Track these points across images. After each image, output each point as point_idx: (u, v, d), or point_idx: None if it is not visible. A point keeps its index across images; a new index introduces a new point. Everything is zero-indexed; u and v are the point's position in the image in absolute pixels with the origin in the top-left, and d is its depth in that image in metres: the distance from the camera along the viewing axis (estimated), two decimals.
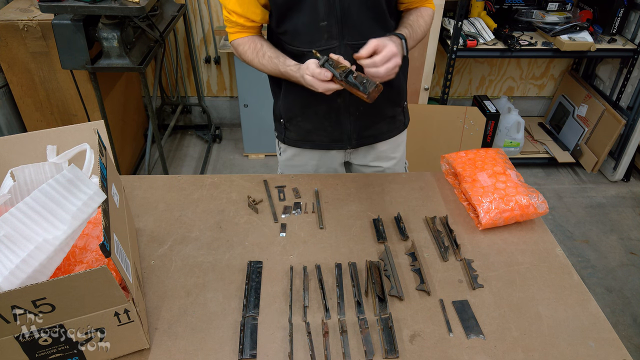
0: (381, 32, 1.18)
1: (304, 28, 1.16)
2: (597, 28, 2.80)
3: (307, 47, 1.17)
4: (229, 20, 1.23)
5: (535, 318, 0.94)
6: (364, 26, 1.17)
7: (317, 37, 1.16)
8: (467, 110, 2.93)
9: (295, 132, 1.37)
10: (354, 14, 1.14)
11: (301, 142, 1.39)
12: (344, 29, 1.16)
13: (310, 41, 1.17)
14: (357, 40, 1.16)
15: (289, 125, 1.37)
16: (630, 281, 2.32)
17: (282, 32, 1.20)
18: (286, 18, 1.16)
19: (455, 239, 1.11)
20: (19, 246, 0.71)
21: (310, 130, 1.34)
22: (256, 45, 1.23)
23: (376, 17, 1.18)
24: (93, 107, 2.45)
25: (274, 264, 1.04)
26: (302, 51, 1.19)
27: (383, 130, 1.38)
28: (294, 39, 1.19)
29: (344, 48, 1.17)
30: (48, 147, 1.00)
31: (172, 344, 0.87)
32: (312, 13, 1.13)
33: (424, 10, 1.27)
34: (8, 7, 2.30)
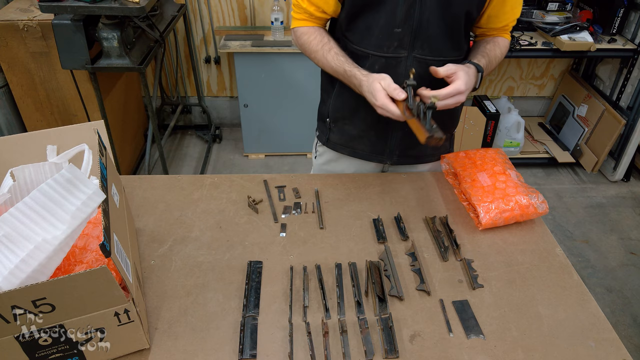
0: (453, 52, 1.16)
1: (376, 30, 1.12)
2: (597, 28, 2.80)
3: (374, 50, 1.14)
4: (299, 6, 1.19)
5: (535, 318, 0.94)
6: (437, 42, 1.13)
7: (387, 43, 1.13)
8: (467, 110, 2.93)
9: (339, 136, 1.35)
10: (430, 27, 1.10)
11: (342, 147, 1.37)
12: (416, 41, 1.12)
13: (378, 45, 1.13)
14: (426, 56, 1.13)
15: (334, 126, 1.34)
16: (630, 281, 2.32)
17: (351, 30, 1.16)
18: (360, 16, 1.13)
19: (455, 239, 1.11)
20: (18, 246, 0.71)
21: (354, 137, 1.31)
22: (323, 37, 1.19)
23: (452, 35, 1.14)
24: (93, 107, 2.46)
25: (274, 264, 1.04)
26: (367, 53, 1.15)
27: (427, 153, 1.35)
28: (362, 40, 1.15)
29: (411, 60, 1.14)
30: (48, 147, 1.00)
31: (172, 344, 0.87)
32: (389, 17, 1.09)
33: (501, 41, 1.23)
34: (8, 7, 2.30)
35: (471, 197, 1.17)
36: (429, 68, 1.09)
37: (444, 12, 1.09)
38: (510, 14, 1.18)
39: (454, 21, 1.12)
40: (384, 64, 1.15)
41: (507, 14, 1.17)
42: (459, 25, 1.13)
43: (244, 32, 2.89)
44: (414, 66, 1.15)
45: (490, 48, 1.20)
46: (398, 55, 1.14)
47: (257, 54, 2.72)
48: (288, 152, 3.19)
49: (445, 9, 1.08)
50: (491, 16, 1.17)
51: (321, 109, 1.38)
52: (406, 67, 1.14)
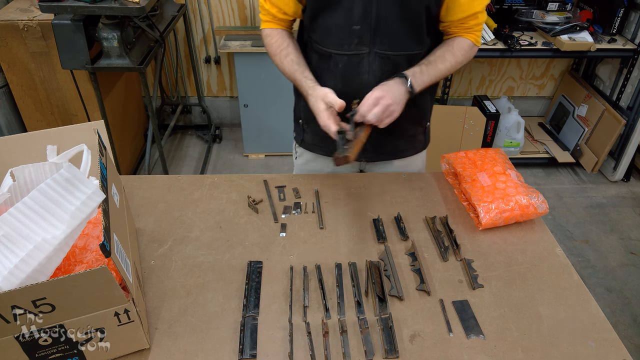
0: (414, 46, 1.16)
1: (335, 29, 1.13)
2: (597, 28, 2.80)
3: (335, 49, 1.15)
4: (263, 8, 1.23)
5: (535, 318, 0.94)
6: (397, 37, 1.13)
7: (347, 41, 1.13)
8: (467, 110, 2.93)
9: (312, 136, 1.36)
10: (388, 23, 1.10)
11: (316, 147, 1.37)
12: (376, 37, 1.12)
13: (339, 43, 1.14)
14: (387, 51, 1.14)
15: (307, 127, 1.35)
16: (630, 281, 2.32)
17: (313, 31, 1.18)
18: (320, 16, 1.14)
19: (455, 239, 1.11)
20: (18, 246, 0.71)
21: (326, 136, 1.29)
22: (283, 42, 1.21)
23: (412, 30, 1.14)
24: (93, 107, 2.45)
25: (274, 264, 1.04)
26: (329, 52, 1.17)
27: (401, 148, 1.36)
28: (324, 39, 1.17)
29: (372, 56, 1.14)
30: (48, 147, 1.00)
31: (172, 344, 0.87)
32: (347, 15, 1.10)
33: (459, 42, 1.19)
34: (8, 7, 2.30)
35: (471, 197, 1.17)
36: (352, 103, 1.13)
37: (402, 8, 1.09)
38: (466, 6, 1.13)
39: (414, 16, 1.12)
40: (346, 61, 1.16)
41: (464, 6, 1.13)
42: (419, 21, 1.13)
43: (244, 32, 2.89)
44: (377, 62, 1.16)
45: (439, 54, 1.18)
46: (360, 52, 1.14)
47: (257, 54, 2.72)
48: (288, 152, 3.19)
49: (403, 5, 1.09)
50: (449, 7, 1.15)
51: (295, 109, 1.40)
52: (369, 63, 1.15)
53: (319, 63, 1.21)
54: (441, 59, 1.17)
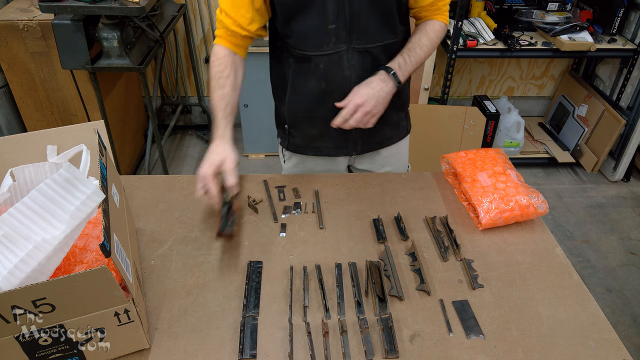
0: (389, 36, 1.17)
1: (311, 31, 1.13)
2: (597, 28, 2.80)
3: (315, 51, 1.15)
4: (219, 20, 1.16)
5: (535, 318, 0.94)
6: (372, 30, 1.14)
7: (325, 41, 1.14)
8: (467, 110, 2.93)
9: (300, 138, 1.35)
10: (362, 18, 1.12)
11: (305, 149, 1.37)
12: (352, 33, 1.13)
13: (318, 45, 1.14)
14: (365, 44, 1.15)
15: (293, 131, 1.34)
16: (630, 281, 2.32)
17: (288, 36, 1.17)
18: (293, 20, 1.13)
19: (455, 239, 1.11)
20: (17, 246, 0.71)
21: (315, 137, 1.32)
22: (225, 69, 1.14)
23: (386, 22, 1.15)
24: (93, 107, 2.46)
25: (274, 264, 1.04)
26: (308, 55, 1.16)
27: (387, 136, 1.37)
28: (300, 43, 1.16)
29: (351, 52, 1.15)
30: (48, 147, 1.00)
31: (172, 344, 0.87)
32: (321, 16, 1.10)
33: (431, 25, 1.22)
34: (8, 7, 2.30)
35: (471, 197, 1.17)
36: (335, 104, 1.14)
37: (374, 2, 1.11)
38: None
39: (386, 8, 1.13)
40: (326, 61, 1.16)
41: None
42: (391, 12, 1.15)
43: None
44: (355, 57, 1.16)
45: (415, 40, 1.20)
46: (338, 50, 1.15)
47: (257, 54, 2.72)
48: None
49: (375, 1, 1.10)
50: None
51: (277, 115, 1.38)
52: (348, 59, 1.16)
53: (298, 66, 1.20)
54: (419, 45, 1.20)
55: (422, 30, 1.22)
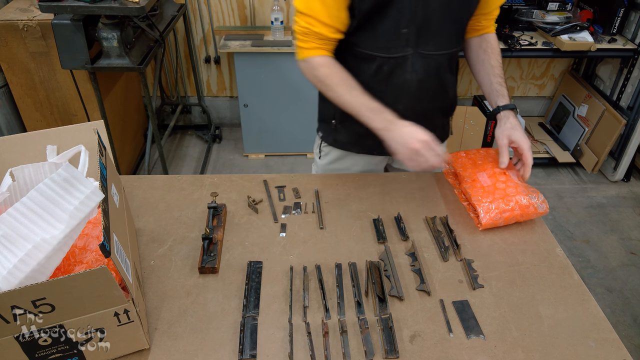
0: (455, 45, 1.20)
1: (384, 34, 1.12)
2: (598, 28, 2.80)
3: (382, 53, 1.14)
4: (309, 33, 1.11)
5: (536, 318, 0.94)
6: (441, 37, 1.15)
7: (394, 44, 1.13)
8: (467, 110, 2.93)
9: (347, 135, 1.34)
10: (433, 24, 1.11)
11: (350, 145, 1.36)
12: (421, 38, 1.13)
13: (386, 47, 1.14)
14: (431, 51, 1.15)
15: (340, 127, 1.33)
16: (630, 281, 2.32)
17: (357, 36, 1.15)
18: (368, 22, 1.11)
19: (455, 239, 1.11)
20: (16, 246, 0.71)
21: (362, 134, 1.27)
22: (342, 72, 1.13)
23: (455, 29, 1.17)
24: (93, 107, 2.45)
25: (274, 264, 1.04)
26: (374, 56, 1.15)
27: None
28: (370, 44, 1.14)
29: (416, 57, 1.15)
30: (48, 147, 1.00)
31: (172, 344, 0.87)
32: (396, 19, 1.09)
33: (492, 41, 1.27)
34: (8, 7, 2.30)
35: (471, 197, 1.17)
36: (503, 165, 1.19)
37: (449, 8, 1.11)
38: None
39: (459, 16, 1.15)
40: (392, 64, 1.16)
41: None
42: (462, 19, 1.17)
43: (244, 32, 2.89)
44: (419, 62, 1.16)
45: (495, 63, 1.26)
46: (405, 54, 1.15)
47: (257, 53, 2.72)
48: (288, 152, 3.19)
49: (451, 6, 1.10)
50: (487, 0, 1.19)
51: (324, 110, 1.37)
52: (412, 63, 1.16)
53: (359, 66, 1.19)
54: (501, 67, 1.27)
55: (493, 48, 1.27)
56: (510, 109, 1.20)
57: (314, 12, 1.08)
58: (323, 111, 1.38)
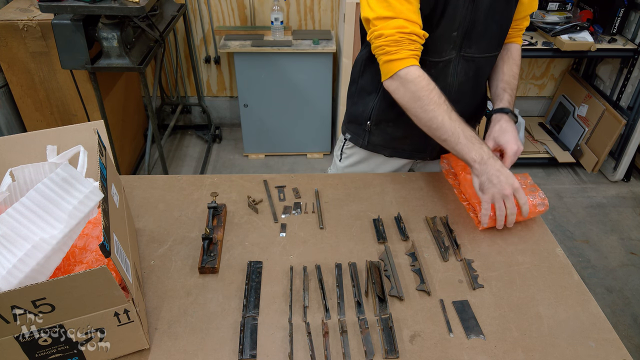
0: (496, 48, 1.22)
1: (437, 38, 1.10)
2: (598, 28, 2.80)
3: (432, 57, 1.13)
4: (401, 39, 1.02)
5: (536, 318, 0.94)
6: (484, 40, 1.15)
7: (444, 47, 1.13)
8: None
9: (381, 137, 1.33)
10: (479, 27, 1.11)
11: (382, 148, 1.35)
12: (465, 41, 1.13)
13: (437, 51, 1.13)
14: (474, 54, 1.16)
15: (375, 129, 1.32)
16: (630, 281, 2.32)
17: None
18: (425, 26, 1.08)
19: (455, 239, 1.11)
20: (16, 246, 0.71)
21: (396, 138, 1.29)
22: (438, 90, 1.06)
23: (499, 32, 1.17)
24: (93, 107, 2.46)
25: (274, 264, 1.04)
26: (424, 60, 1.12)
27: None
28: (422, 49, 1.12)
29: (459, 59, 1.16)
30: (48, 147, 1.00)
31: (172, 344, 0.87)
32: (450, 22, 1.09)
33: (516, 52, 1.27)
34: (8, 7, 2.30)
35: (471, 197, 1.17)
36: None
37: (495, 12, 1.11)
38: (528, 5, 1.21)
39: (503, 19, 1.15)
40: (440, 67, 1.16)
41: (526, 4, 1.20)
42: (506, 22, 1.17)
43: (244, 32, 2.89)
44: (461, 64, 1.17)
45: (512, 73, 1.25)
46: (450, 56, 1.15)
47: (257, 53, 2.72)
48: (288, 152, 3.19)
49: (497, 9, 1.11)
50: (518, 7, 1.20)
51: (356, 112, 1.34)
52: (455, 66, 1.17)
53: None
54: (515, 76, 1.26)
55: (512, 58, 1.26)
56: (504, 113, 1.19)
57: (401, 12, 1.01)
58: (356, 112, 1.35)
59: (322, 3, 2.95)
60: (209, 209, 1.13)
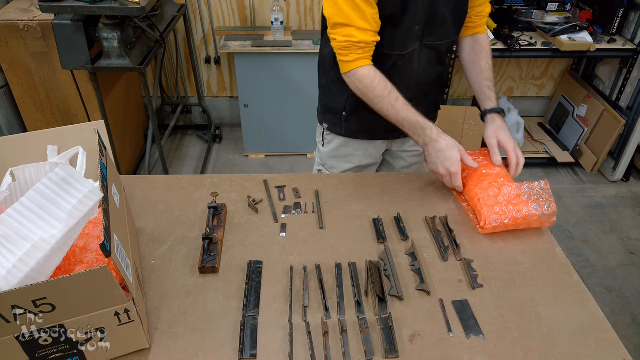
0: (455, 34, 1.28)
1: (401, 34, 1.18)
2: (597, 28, 2.80)
3: (397, 51, 1.21)
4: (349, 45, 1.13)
5: (535, 318, 0.94)
6: (444, 29, 1.22)
7: (408, 40, 1.20)
8: (467, 110, 2.93)
9: (357, 124, 1.39)
10: (438, 18, 1.19)
11: (358, 134, 1.42)
12: (426, 30, 1.19)
13: (402, 45, 1.20)
14: (435, 42, 1.23)
15: (351, 117, 1.38)
16: (629, 281, 2.32)
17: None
18: (388, 24, 1.16)
19: (455, 239, 1.11)
20: (16, 246, 0.71)
21: (372, 122, 1.32)
22: (386, 83, 1.16)
23: (456, 20, 1.24)
24: (93, 107, 2.46)
25: (274, 264, 1.05)
26: (390, 54, 1.22)
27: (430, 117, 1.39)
28: (387, 44, 1.19)
29: (421, 49, 1.22)
30: (49, 147, 1.00)
31: (172, 344, 0.87)
32: (412, 19, 1.16)
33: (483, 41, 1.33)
34: (8, 7, 2.30)
35: (471, 199, 1.17)
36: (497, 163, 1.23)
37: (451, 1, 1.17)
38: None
39: (460, 7, 1.21)
40: (406, 58, 1.24)
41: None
42: (463, 7, 1.22)
43: (244, 32, 2.89)
44: (424, 53, 1.24)
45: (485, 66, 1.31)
46: (414, 48, 1.22)
47: (257, 54, 2.72)
48: (288, 152, 3.19)
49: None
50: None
51: (331, 103, 1.40)
52: (418, 55, 1.23)
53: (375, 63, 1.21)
54: (491, 68, 1.32)
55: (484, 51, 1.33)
56: (496, 112, 1.26)
57: (352, 21, 1.09)
58: (331, 104, 1.41)
59: (322, 3, 2.96)
60: (209, 209, 1.13)
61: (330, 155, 1.49)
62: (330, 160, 1.50)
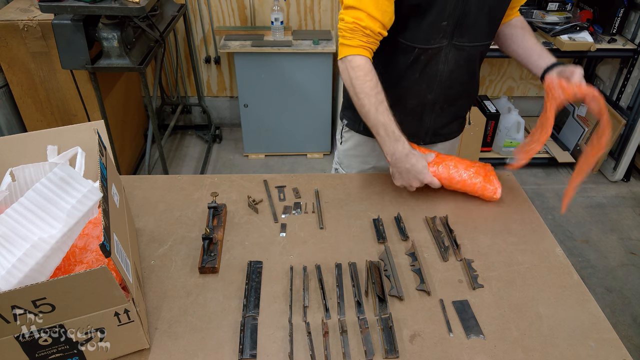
0: (488, 38, 1.23)
1: (426, 26, 1.15)
2: (597, 28, 2.80)
3: (421, 44, 1.17)
4: (356, 28, 1.10)
5: (535, 318, 0.94)
6: (476, 30, 1.18)
7: (433, 36, 1.16)
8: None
9: None
10: (470, 17, 1.15)
11: None
12: (456, 30, 1.16)
13: (426, 39, 1.17)
14: (464, 43, 1.19)
15: None
16: (630, 281, 2.32)
17: (399, 29, 1.16)
18: (412, 16, 1.14)
19: (455, 239, 1.11)
20: (15, 246, 0.71)
21: None
22: (377, 83, 1.13)
23: (491, 22, 1.20)
24: (93, 107, 2.46)
25: (274, 264, 1.04)
26: (413, 47, 1.18)
27: (453, 130, 1.40)
28: (410, 36, 1.17)
29: (450, 48, 1.19)
30: (48, 147, 1.00)
31: (172, 344, 0.87)
32: (439, 13, 1.13)
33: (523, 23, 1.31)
34: (8, 7, 2.30)
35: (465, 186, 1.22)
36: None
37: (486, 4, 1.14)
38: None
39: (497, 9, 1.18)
40: (429, 54, 1.20)
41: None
42: (498, 13, 1.20)
43: (244, 32, 2.89)
44: (452, 53, 1.20)
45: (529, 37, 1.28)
46: (440, 44, 1.18)
47: (257, 54, 2.72)
48: (288, 152, 3.19)
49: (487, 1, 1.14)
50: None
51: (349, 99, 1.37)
52: (446, 54, 1.20)
53: (396, 56, 1.21)
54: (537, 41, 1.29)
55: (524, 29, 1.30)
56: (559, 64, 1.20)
57: (364, 5, 1.07)
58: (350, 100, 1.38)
59: (322, 3, 2.95)
60: (209, 209, 1.13)
61: (347, 153, 1.47)
62: (347, 159, 1.48)
